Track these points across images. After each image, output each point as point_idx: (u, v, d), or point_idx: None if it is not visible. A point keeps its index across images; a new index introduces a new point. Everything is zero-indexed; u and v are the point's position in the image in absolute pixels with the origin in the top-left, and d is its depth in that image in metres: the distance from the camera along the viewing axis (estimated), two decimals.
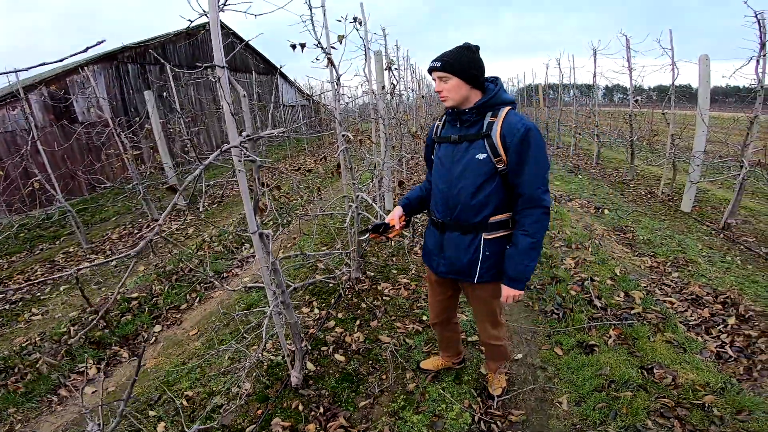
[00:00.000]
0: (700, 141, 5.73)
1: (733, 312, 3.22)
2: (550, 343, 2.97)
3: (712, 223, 5.37)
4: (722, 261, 4.23)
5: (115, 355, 3.33)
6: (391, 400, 2.50)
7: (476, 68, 1.83)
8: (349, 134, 2.76)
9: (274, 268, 2.13)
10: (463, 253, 1.95)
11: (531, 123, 1.81)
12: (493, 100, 1.86)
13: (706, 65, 5.63)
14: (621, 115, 8.96)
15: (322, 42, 2.96)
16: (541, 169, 1.80)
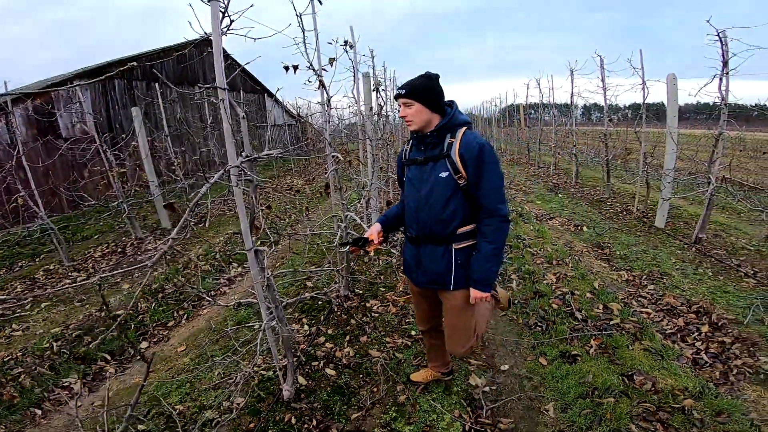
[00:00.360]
0: (671, 159, 5.98)
1: (706, 320, 3.40)
2: (534, 354, 3.08)
3: (685, 237, 5.60)
4: (695, 273, 4.44)
5: (101, 371, 3.30)
6: (382, 411, 2.55)
7: (436, 94, 2.05)
8: (339, 155, 2.86)
9: (268, 284, 2.20)
10: (437, 264, 2.12)
11: (484, 140, 2.01)
12: (450, 123, 2.06)
13: (673, 84, 5.84)
14: (597, 134, 9.30)
15: (314, 64, 3.08)
16: (496, 182, 1.99)
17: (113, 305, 4.37)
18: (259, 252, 2.27)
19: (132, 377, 3.19)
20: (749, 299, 3.74)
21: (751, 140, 11.50)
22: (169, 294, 4.56)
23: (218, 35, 1.80)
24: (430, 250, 2.13)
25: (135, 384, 3.08)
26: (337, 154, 2.90)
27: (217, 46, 1.81)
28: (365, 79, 4.41)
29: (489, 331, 3.44)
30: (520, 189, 9.99)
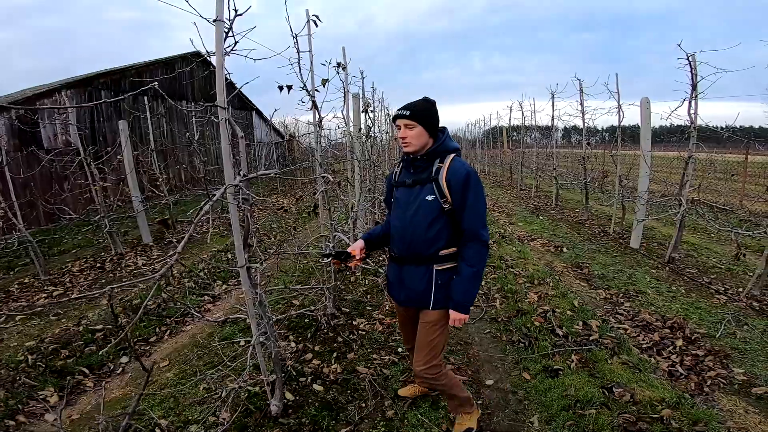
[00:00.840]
0: (644, 181, 6.22)
1: (681, 335, 3.56)
2: (518, 369, 3.16)
3: (659, 257, 5.82)
4: (668, 291, 4.64)
5: (78, 384, 3.24)
6: (371, 426, 2.56)
7: (434, 119, 2.13)
8: (329, 176, 2.94)
9: (260, 300, 2.24)
10: (418, 283, 2.17)
11: (471, 168, 2.08)
12: (441, 148, 2.13)
13: (647, 108, 6.05)
14: (577, 157, 9.60)
15: (307, 85, 3.17)
16: (479, 208, 2.06)
17: (92, 320, 4.28)
18: (251, 269, 2.31)
19: (111, 392, 3.13)
20: (720, 314, 3.96)
21: (721, 162, 11.99)
22: (152, 310, 4.50)
23: (221, 55, 1.87)
24: (413, 270, 2.18)
25: (114, 398, 3.02)
26: (327, 175, 2.97)
27: (219, 66, 1.87)
28: (355, 99, 4.52)
29: (474, 348, 3.51)
30: (503, 211, 10.20)
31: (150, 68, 12.59)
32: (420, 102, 2.14)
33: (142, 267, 6.17)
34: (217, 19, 1.84)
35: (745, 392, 2.84)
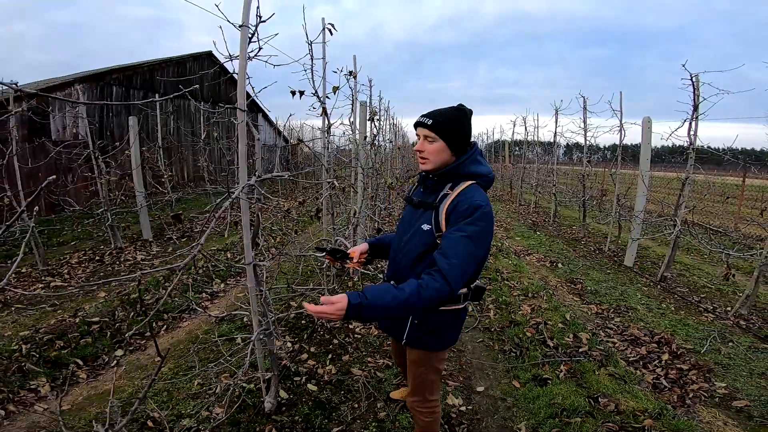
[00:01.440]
0: (641, 201, 6.30)
1: (667, 350, 3.67)
2: (508, 377, 3.24)
3: (651, 276, 5.92)
4: (658, 308, 4.75)
5: (72, 375, 3.24)
6: (363, 427, 2.61)
7: (464, 135, 1.74)
8: (335, 181, 3.00)
9: (264, 297, 2.30)
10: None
11: (486, 203, 1.63)
12: (456, 171, 1.74)
13: (648, 127, 6.09)
14: (577, 174, 9.66)
15: (318, 91, 3.26)
16: (466, 249, 1.57)
17: (88, 312, 4.30)
18: (258, 266, 2.36)
19: (105, 383, 3.14)
20: (707, 331, 4.07)
21: (720, 184, 12.09)
22: (149, 304, 4.54)
23: (245, 59, 1.94)
24: None
25: (107, 390, 3.03)
26: (333, 180, 3.04)
27: (242, 69, 1.95)
28: (362, 107, 4.60)
29: (467, 356, 3.58)
30: (501, 225, 10.28)
31: (162, 66, 12.71)
32: (449, 111, 1.75)
33: (141, 262, 6.22)
34: (243, 25, 1.92)
35: (726, 405, 2.95)
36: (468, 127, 1.76)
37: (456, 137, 1.72)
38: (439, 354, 1.92)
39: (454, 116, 1.73)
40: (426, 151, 1.75)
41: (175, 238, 7.50)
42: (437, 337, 1.86)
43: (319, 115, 3.36)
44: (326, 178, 3.32)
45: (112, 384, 3.08)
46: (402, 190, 8.42)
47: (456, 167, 1.74)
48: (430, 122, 1.71)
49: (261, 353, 2.59)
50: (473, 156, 1.76)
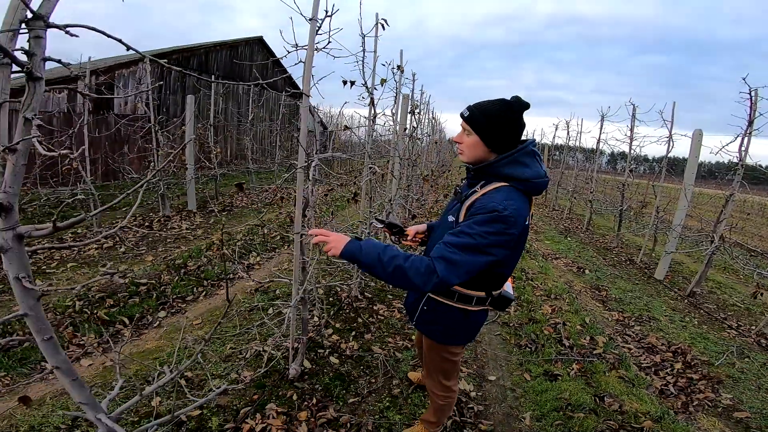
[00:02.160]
0: (680, 215, 6.18)
1: (681, 359, 3.72)
2: (521, 370, 3.37)
3: (680, 290, 5.86)
4: (681, 321, 4.75)
5: (117, 333, 3.49)
6: (377, 400, 2.80)
7: (503, 131, 1.61)
8: (377, 167, 3.18)
9: (303, 267, 2.51)
10: (412, 294, 2.02)
11: (502, 207, 1.53)
12: (490, 169, 1.66)
13: (698, 140, 5.91)
14: (617, 184, 9.40)
15: (368, 83, 3.44)
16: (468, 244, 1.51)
17: (137, 274, 4.58)
18: (304, 236, 2.52)
19: (146, 342, 3.36)
20: (726, 346, 4.09)
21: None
22: (191, 271, 4.87)
23: (312, 50, 2.14)
24: None
25: (147, 349, 3.26)
26: (374, 166, 3.22)
27: (309, 59, 2.14)
28: (405, 100, 4.75)
29: (483, 346, 3.73)
30: (532, 228, 10.22)
31: (216, 49, 13.37)
32: (491, 104, 1.64)
33: (185, 230, 6.63)
34: (312, 18, 2.11)
35: (727, 415, 3.01)
36: (512, 125, 1.62)
37: (492, 133, 1.62)
38: (446, 347, 1.95)
39: (495, 111, 1.61)
40: (463, 143, 1.70)
41: (217, 211, 7.92)
42: (442, 331, 1.89)
43: (366, 105, 3.53)
44: (368, 164, 3.49)
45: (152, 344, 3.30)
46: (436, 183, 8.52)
47: (490, 166, 1.64)
48: (467, 114, 1.66)
49: (294, 321, 2.79)
50: (515, 156, 1.62)
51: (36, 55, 0.95)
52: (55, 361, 1.13)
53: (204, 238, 6.27)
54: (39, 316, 1.10)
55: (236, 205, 8.75)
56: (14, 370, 2.85)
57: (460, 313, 1.83)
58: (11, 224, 1.03)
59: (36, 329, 1.10)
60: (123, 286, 4.25)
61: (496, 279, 1.78)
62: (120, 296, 4.02)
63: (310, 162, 2.05)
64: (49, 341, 1.10)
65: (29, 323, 1.08)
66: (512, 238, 1.56)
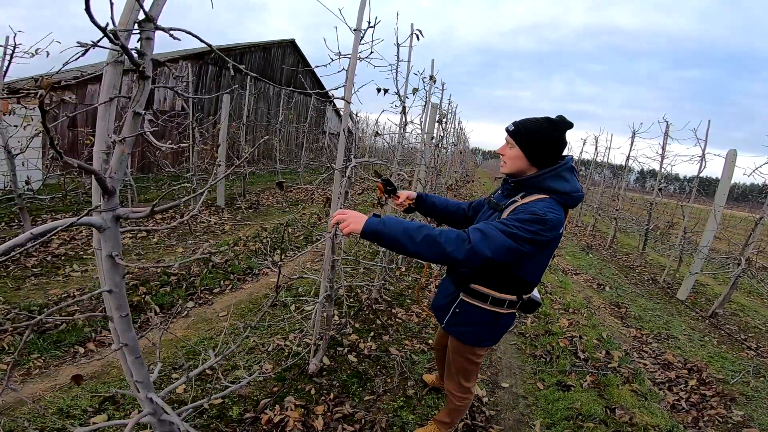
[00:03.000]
0: (708, 236, 6.08)
1: (696, 377, 3.74)
2: (534, 379, 3.43)
3: (702, 311, 5.80)
4: (700, 340, 4.73)
5: (147, 321, 3.57)
6: (392, 399, 2.89)
7: (544, 147, 1.72)
8: (405, 174, 3.28)
9: (333, 265, 2.63)
10: (443, 298, 2.07)
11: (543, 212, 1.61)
12: (532, 182, 1.75)
13: (732, 161, 5.80)
14: (645, 203, 9.19)
15: (400, 91, 3.56)
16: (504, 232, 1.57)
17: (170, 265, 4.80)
18: (336, 236, 2.64)
19: (175, 331, 3.45)
20: (743, 365, 4.08)
21: None
22: (219, 264, 5.06)
23: (355, 59, 2.28)
24: (447, 282, 2.09)
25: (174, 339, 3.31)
26: (403, 173, 3.32)
27: (352, 67, 2.28)
28: (433, 108, 4.85)
29: (498, 354, 3.79)
30: None
31: (250, 50, 13.82)
32: (536, 121, 1.74)
33: (214, 225, 6.86)
34: (356, 29, 2.25)
35: (736, 431, 3.03)
36: (555, 142, 1.72)
37: (536, 149, 1.72)
38: (473, 348, 2.03)
39: (539, 128, 1.72)
40: (506, 156, 1.80)
41: (244, 208, 8.16)
42: (472, 332, 1.97)
43: (397, 113, 3.65)
44: (397, 170, 3.61)
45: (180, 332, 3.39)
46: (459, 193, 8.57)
47: (534, 179, 1.73)
48: (512, 129, 1.77)
49: (319, 317, 2.90)
50: (557, 171, 1.73)
51: (146, 55, 1.07)
52: (125, 338, 1.26)
53: (231, 234, 6.48)
54: (122, 293, 1.22)
55: (262, 203, 9.00)
56: (48, 352, 2.96)
57: (491, 315, 1.91)
58: (112, 206, 1.14)
59: (116, 305, 1.21)
60: (155, 275, 4.42)
61: (525, 285, 1.88)
62: (152, 284, 4.18)
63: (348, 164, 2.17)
64: (125, 318, 1.24)
65: (111, 299, 1.20)
66: (546, 240, 1.62)
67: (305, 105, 16.75)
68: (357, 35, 2.26)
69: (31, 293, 3.75)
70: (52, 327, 3.23)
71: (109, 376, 2.81)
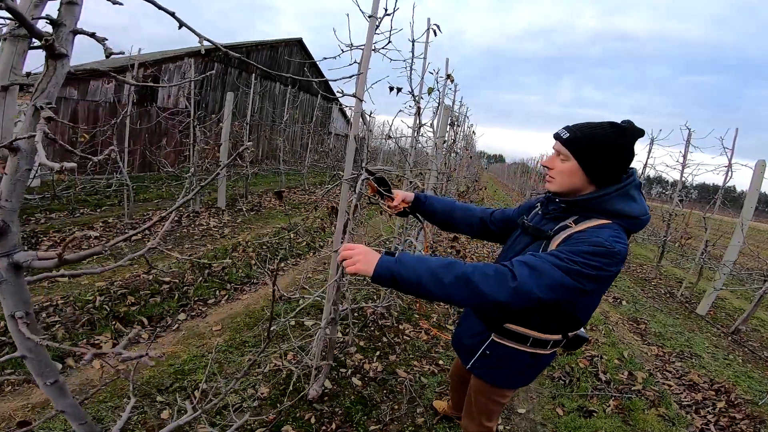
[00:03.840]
0: (734, 250, 5.77)
1: (724, 398, 3.52)
2: (553, 404, 3.16)
3: (723, 327, 5.55)
4: (725, 358, 4.48)
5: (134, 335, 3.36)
6: (399, 429, 2.63)
7: (609, 160, 1.35)
8: (417, 181, 3.02)
9: (338, 286, 2.34)
10: (468, 336, 1.74)
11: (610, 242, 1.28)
12: (592, 203, 1.38)
13: (761, 171, 5.51)
14: (661, 213, 8.80)
15: (415, 91, 3.29)
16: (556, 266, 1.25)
17: (161, 271, 4.45)
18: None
19: (163, 346, 3.24)
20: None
21: None
22: (215, 272, 4.77)
23: (369, 50, 1.99)
24: (473, 320, 1.74)
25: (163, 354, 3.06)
26: (416, 181, 3.06)
27: (366, 61, 2.00)
28: (446, 111, 4.58)
29: None
30: None
31: (257, 48, 13.69)
32: (592, 128, 1.38)
33: (213, 228, 6.60)
34: (371, 16, 1.97)
35: None
36: (623, 153, 1.35)
37: (597, 162, 1.35)
38: (503, 390, 1.73)
39: (603, 136, 1.35)
40: (555, 170, 1.43)
41: (245, 210, 7.90)
42: (506, 375, 1.67)
43: (411, 114, 3.37)
44: (410, 176, 3.33)
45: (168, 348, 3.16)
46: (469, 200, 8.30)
47: (597, 199, 1.37)
48: (567, 136, 1.39)
49: (321, 341, 2.63)
50: (626, 189, 1.38)
51: (65, 26, 0.76)
52: (61, 405, 0.97)
53: (231, 238, 6.22)
54: (41, 359, 0.91)
55: (264, 205, 8.74)
56: (23, 367, 2.69)
57: (530, 358, 1.60)
58: (7, 250, 0.83)
59: (38, 372, 0.92)
60: (146, 282, 4.15)
61: (574, 322, 1.56)
62: (142, 294, 3.91)
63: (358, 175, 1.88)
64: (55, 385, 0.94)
65: (29, 366, 0.91)
66: (610, 276, 1.31)
67: (311, 105, 16.54)
68: (372, 22, 1.98)
69: None
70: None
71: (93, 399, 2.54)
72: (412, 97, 3.31)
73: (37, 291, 3.67)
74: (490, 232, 1.86)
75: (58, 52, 0.73)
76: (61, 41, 0.74)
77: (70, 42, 0.76)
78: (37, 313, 3.29)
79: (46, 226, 5.48)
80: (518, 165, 37.62)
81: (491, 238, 1.89)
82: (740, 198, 7.06)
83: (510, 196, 24.60)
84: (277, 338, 3.51)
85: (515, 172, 36.76)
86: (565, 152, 1.39)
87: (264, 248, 5.83)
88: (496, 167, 71.49)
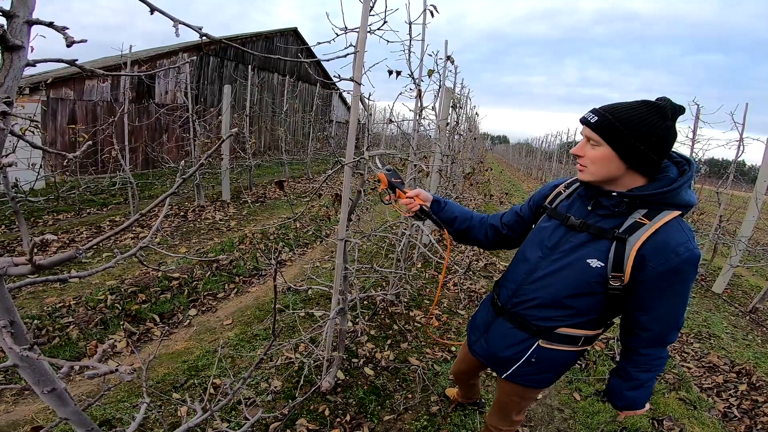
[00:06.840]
0: (749, 226, 5.69)
1: (746, 381, 3.45)
2: (569, 389, 3.11)
3: (741, 306, 5.45)
4: (744, 339, 4.40)
5: (147, 332, 3.37)
6: (414, 418, 2.60)
7: (650, 143, 1.21)
8: (423, 165, 2.95)
9: (345, 275, 2.29)
10: (506, 349, 1.58)
11: (695, 248, 1.23)
12: (662, 197, 1.25)
13: None
14: None
15: (414, 74, 3.20)
16: (681, 306, 1.30)
17: (170, 267, 4.43)
18: (347, 243, 2.32)
19: (176, 343, 3.24)
20: None
21: None
22: (223, 266, 4.75)
23: (364, 32, 1.91)
24: (506, 330, 1.58)
25: (176, 351, 3.11)
26: (421, 164, 2.99)
27: (361, 43, 1.91)
28: (447, 93, 4.48)
29: None
30: None
31: (252, 40, 13.57)
32: (627, 109, 1.23)
33: (219, 221, 6.57)
34: None
35: None
36: (665, 136, 1.21)
37: (637, 147, 1.21)
38: (540, 390, 1.70)
39: (639, 118, 1.20)
40: (586, 157, 1.30)
41: (250, 202, 7.86)
42: (549, 377, 1.59)
43: (412, 98, 3.28)
44: (414, 160, 3.25)
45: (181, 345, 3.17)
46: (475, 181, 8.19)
47: (667, 193, 1.25)
48: (595, 119, 1.25)
49: (331, 332, 2.60)
50: (687, 180, 1.27)
51: (18, 17, 0.72)
52: (63, 413, 0.93)
53: (237, 230, 6.19)
54: (36, 366, 0.87)
55: (269, 196, 8.69)
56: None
57: (577, 355, 1.56)
58: None
59: (33, 381, 0.88)
60: (155, 279, 4.14)
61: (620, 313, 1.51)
62: (152, 291, 3.90)
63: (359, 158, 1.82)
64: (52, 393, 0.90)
65: (23, 375, 0.87)
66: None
67: (311, 93, 16.40)
68: (366, 3, 1.89)
69: (26, 302, 3.50)
70: (45, 342, 3.00)
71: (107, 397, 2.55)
72: (412, 79, 3.21)
73: (50, 292, 3.69)
74: (506, 239, 1.73)
75: (12, 44, 0.69)
76: (15, 32, 0.69)
77: (25, 33, 0.72)
78: (51, 315, 3.30)
79: (54, 228, 5.49)
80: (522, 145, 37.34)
81: (508, 245, 1.76)
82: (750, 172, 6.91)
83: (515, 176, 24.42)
84: (288, 330, 3.48)
85: (520, 152, 36.50)
86: (596, 138, 1.26)
87: (270, 239, 5.80)
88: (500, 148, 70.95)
